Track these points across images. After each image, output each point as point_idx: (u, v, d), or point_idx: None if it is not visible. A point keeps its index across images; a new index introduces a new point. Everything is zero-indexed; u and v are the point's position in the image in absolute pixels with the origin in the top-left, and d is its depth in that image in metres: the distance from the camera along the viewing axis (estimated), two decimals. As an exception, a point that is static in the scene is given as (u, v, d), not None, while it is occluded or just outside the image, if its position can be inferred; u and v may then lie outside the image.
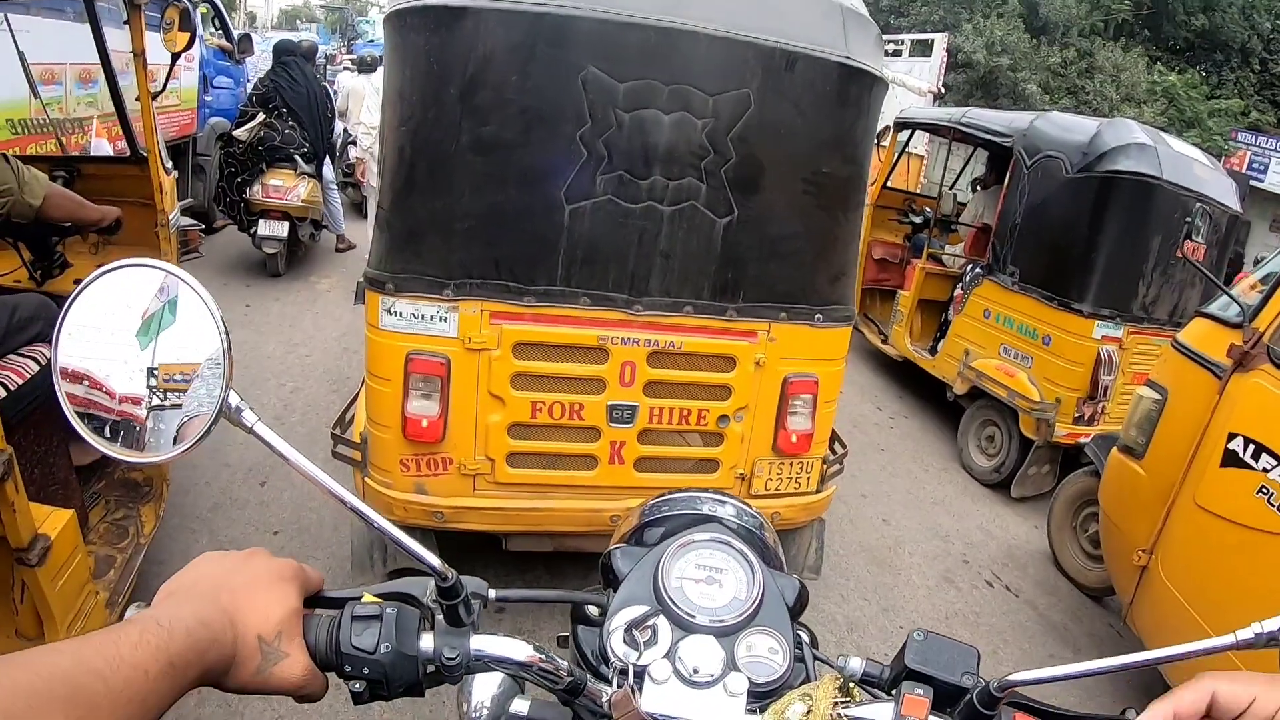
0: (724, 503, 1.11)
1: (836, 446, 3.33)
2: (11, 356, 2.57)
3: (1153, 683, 3.25)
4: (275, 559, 0.78)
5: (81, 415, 0.79)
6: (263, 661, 0.72)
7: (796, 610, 0.95)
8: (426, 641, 0.80)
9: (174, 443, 0.80)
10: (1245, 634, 0.72)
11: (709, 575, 0.92)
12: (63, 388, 0.79)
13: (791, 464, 3.06)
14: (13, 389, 2.43)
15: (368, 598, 0.81)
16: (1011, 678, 0.76)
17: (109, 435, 0.80)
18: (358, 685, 0.78)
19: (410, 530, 2.95)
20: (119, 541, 2.96)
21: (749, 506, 1.12)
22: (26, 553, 2.04)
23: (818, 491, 3.18)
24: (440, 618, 0.82)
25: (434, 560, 0.79)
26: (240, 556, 0.77)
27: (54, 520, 2.18)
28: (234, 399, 0.79)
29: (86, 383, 0.79)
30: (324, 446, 3.05)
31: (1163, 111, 18.23)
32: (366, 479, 2.90)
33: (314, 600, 0.82)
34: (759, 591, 0.91)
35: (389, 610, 0.79)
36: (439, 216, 2.62)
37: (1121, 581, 3.42)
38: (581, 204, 2.58)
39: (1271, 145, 17.29)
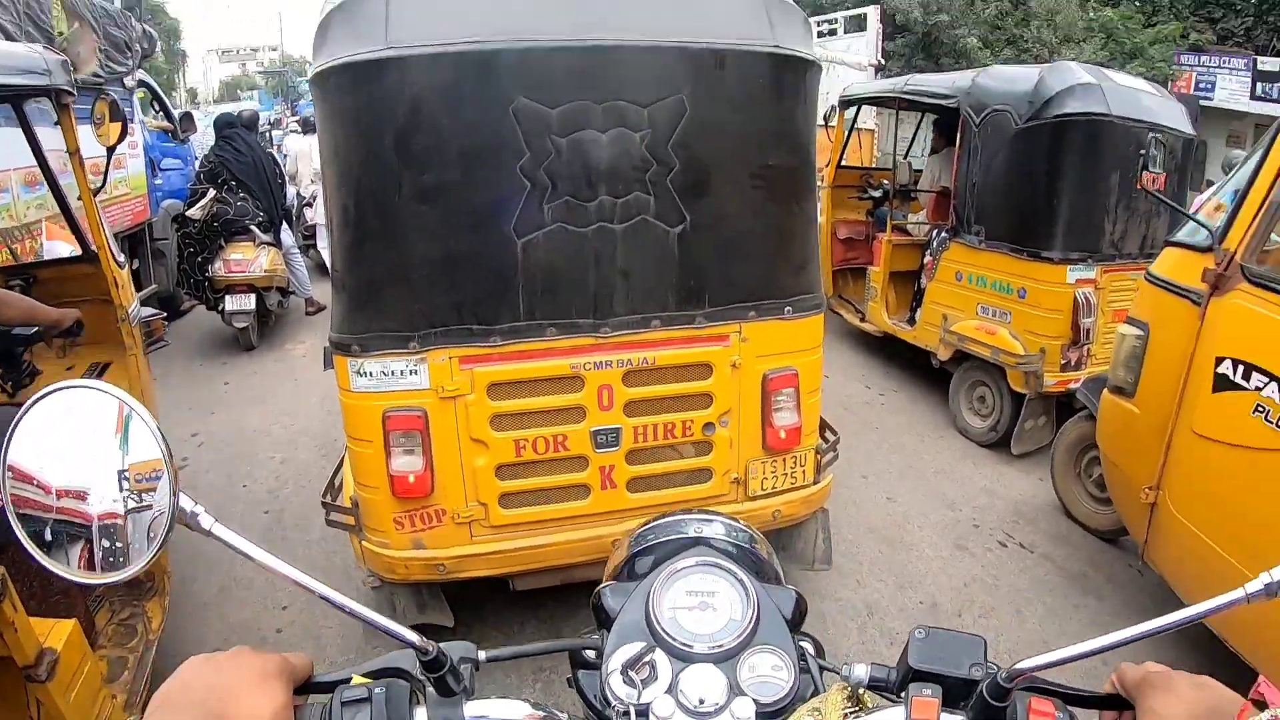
0: (711, 521, 1.08)
1: (827, 434, 3.31)
2: None
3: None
4: (260, 655, 0.76)
5: (52, 539, 0.78)
6: None
7: (796, 621, 0.93)
8: (420, 716, 0.78)
9: (147, 546, 0.78)
10: (1254, 586, 0.70)
11: (701, 601, 0.90)
12: (20, 525, 0.77)
13: (785, 459, 3.04)
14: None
15: (356, 679, 0.79)
16: (1020, 665, 0.73)
17: (81, 552, 0.79)
18: None
19: (415, 585, 2.93)
20: (128, 641, 2.93)
21: (737, 521, 1.10)
22: (34, 669, 2.02)
23: (815, 483, 3.16)
24: (431, 689, 0.80)
25: (410, 635, 0.77)
26: (225, 657, 0.75)
27: (58, 632, 2.14)
28: (186, 503, 0.77)
29: (39, 491, 0.78)
30: (321, 515, 3.03)
31: (1103, 47, 18.33)
32: (364, 542, 2.87)
33: (306, 687, 0.80)
34: (754, 610, 0.89)
35: (378, 690, 0.77)
36: (393, 270, 2.60)
37: (1133, 522, 3.40)
38: (533, 236, 2.56)
39: (1215, 62, 17.47)
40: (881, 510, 4.48)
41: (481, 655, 0.85)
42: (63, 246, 5.34)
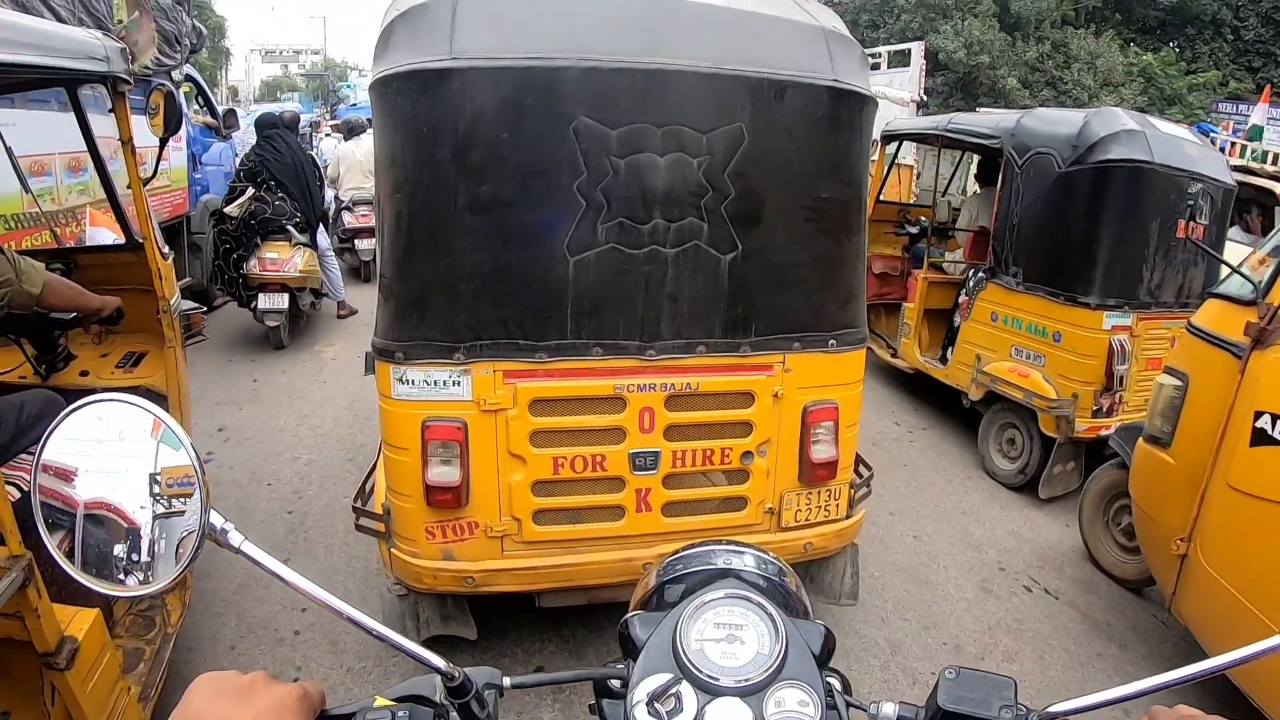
0: (741, 553, 1.06)
1: (861, 469, 3.30)
2: (23, 456, 2.54)
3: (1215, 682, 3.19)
4: (277, 686, 0.73)
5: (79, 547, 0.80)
6: None
7: (824, 657, 0.91)
8: None
9: (175, 561, 0.80)
10: None
11: (729, 633, 0.89)
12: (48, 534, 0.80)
13: (819, 492, 3.03)
14: (27, 489, 2.41)
15: (380, 702, 0.79)
16: (1052, 709, 0.74)
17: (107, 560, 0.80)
18: None
19: (441, 596, 2.92)
20: (146, 633, 2.93)
21: (767, 553, 1.08)
22: (54, 657, 2.02)
23: (848, 517, 3.14)
24: (455, 715, 0.81)
25: (436, 660, 0.78)
26: (241, 689, 0.72)
27: (79, 620, 2.16)
28: (217, 520, 0.78)
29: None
30: (344, 519, 3.03)
31: (1142, 92, 18.41)
32: (393, 549, 2.86)
33: (325, 716, 0.79)
34: (783, 644, 0.87)
35: (401, 714, 0.77)
36: (443, 280, 2.61)
37: (1162, 573, 3.37)
38: (585, 255, 2.57)
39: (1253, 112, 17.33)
40: (908, 548, 4.45)
41: (507, 681, 0.86)
42: (106, 234, 5.40)
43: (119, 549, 0.80)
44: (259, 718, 0.70)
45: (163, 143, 3.24)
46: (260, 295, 6.94)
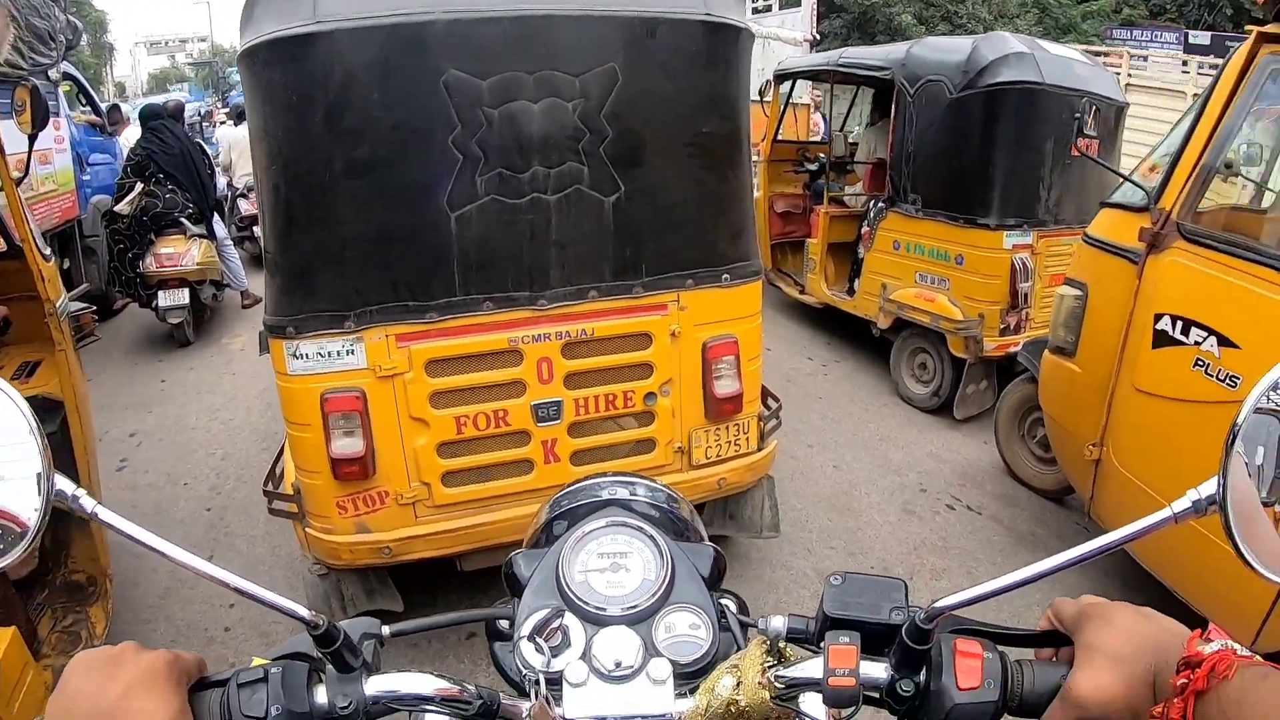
0: (630, 484, 1.06)
1: (770, 402, 3.33)
2: None
3: (1127, 572, 3.30)
4: (146, 654, 0.72)
5: None
6: None
7: (714, 579, 0.91)
8: (320, 694, 0.76)
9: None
10: (1181, 505, 0.68)
11: (613, 562, 0.88)
12: None
13: (728, 427, 3.05)
14: None
15: (256, 662, 0.77)
16: (939, 604, 0.71)
17: None
18: None
19: (363, 571, 2.87)
20: (73, 649, 2.87)
21: (656, 482, 1.08)
22: None
23: (759, 450, 3.18)
24: (331, 668, 0.78)
25: (301, 611, 0.75)
26: (111, 661, 0.71)
27: None
28: (66, 485, 0.73)
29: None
30: (264, 509, 2.97)
31: (1037, 22, 18.71)
32: (307, 529, 2.82)
33: (204, 684, 0.77)
34: (668, 569, 0.87)
35: (274, 670, 0.75)
36: (326, 249, 2.56)
37: (1078, 479, 3.47)
38: (466, 209, 2.53)
39: (1147, 36, 17.77)
40: (829, 479, 4.52)
41: (385, 630, 0.84)
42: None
43: (15, 552, 0.75)
44: (129, 686, 0.69)
45: (32, 140, 3.11)
46: (160, 293, 6.71)
